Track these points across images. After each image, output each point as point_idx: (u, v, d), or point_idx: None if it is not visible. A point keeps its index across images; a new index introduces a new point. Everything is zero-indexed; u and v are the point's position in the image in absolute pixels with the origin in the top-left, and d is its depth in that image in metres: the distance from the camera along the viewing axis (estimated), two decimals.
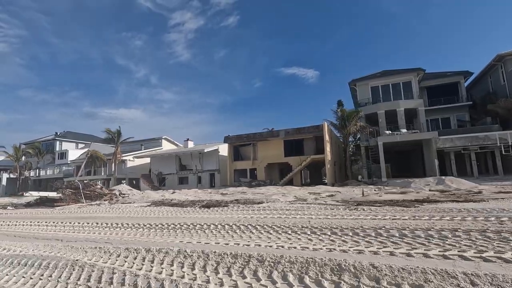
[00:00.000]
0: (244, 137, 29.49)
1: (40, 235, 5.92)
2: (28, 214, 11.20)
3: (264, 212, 7.86)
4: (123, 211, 9.68)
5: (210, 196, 15.37)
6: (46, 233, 6.24)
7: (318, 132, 26.80)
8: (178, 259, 3.50)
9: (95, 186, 17.52)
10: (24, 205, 16.34)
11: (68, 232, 6.23)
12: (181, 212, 8.68)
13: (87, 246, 4.38)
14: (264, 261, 3.22)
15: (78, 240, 5.02)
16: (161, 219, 7.43)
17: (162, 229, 6.03)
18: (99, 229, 6.49)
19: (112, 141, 34.88)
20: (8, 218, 10.15)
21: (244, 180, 29.55)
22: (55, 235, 5.80)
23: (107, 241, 4.83)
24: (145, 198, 14.89)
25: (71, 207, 13.05)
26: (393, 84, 30.13)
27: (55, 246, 4.47)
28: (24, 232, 6.47)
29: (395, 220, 6.03)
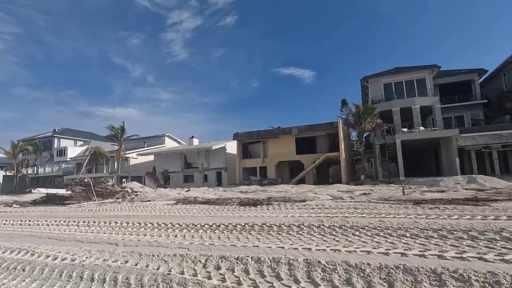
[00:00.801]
0: (254, 134, 28.59)
1: (80, 238, 4.96)
2: (44, 213, 10.17)
3: (322, 211, 7.02)
4: (152, 210, 8.72)
5: (231, 194, 14.46)
6: (86, 234, 5.28)
7: (332, 129, 26.03)
8: (317, 274, 2.62)
9: (106, 183, 16.50)
10: (30, 203, 15.25)
11: (111, 233, 5.26)
12: (224, 210, 7.76)
13: (157, 252, 3.48)
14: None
15: (139, 245, 4.10)
16: (209, 218, 6.52)
17: (227, 230, 5.11)
18: (145, 230, 5.51)
19: (115, 138, 33.68)
20: (23, 217, 9.13)
21: (254, 178, 28.68)
22: (100, 238, 4.85)
23: (180, 246, 3.90)
24: (163, 196, 13.92)
25: (89, 206, 12.04)
26: (407, 81, 29.47)
27: (114, 253, 3.55)
28: (56, 234, 5.51)
29: (488, 221, 5.22)
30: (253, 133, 28.73)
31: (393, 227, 4.77)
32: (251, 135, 28.88)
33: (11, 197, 28.77)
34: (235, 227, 5.33)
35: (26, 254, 3.73)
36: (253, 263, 2.87)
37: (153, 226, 5.83)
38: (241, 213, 6.92)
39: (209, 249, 3.74)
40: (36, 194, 17.43)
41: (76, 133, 60.61)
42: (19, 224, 7.38)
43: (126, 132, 33.53)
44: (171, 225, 5.74)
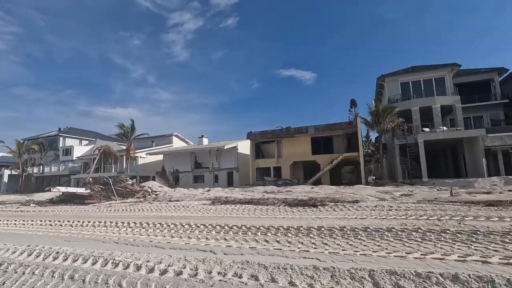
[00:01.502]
0: (269, 133, 27.90)
1: (155, 243, 4.24)
2: (74, 212, 9.46)
3: (399, 212, 6.34)
4: (194, 210, 8.02)
5: (257, 194, 13.75)
6: (155, 238, 4.58)
7: (350, 129, 25.36)
8: None
9: (126, 182, 15.81)
10: (47, 202, 14.55)
11: (183, 237, 4.53)
12: (277, 211, 7.06)
13: (284, 262, 2.77)
14: None
15: (246, 253, 3.40)
16: (275, 220, 5.84)
17: (322, 235, 4.42)
18: (220, 233, 4.77)
19: (124, 137, 33.00)
20: (55, 217, 8.42)
21: (269, 179, 27.96)
22: (187, 243, 4.14)
23: (305, 256, 3.21)
24: (188, 196, 13.21)
25: (114, 205, 11.33)
26: (425, 80, 28.79)
27: (224, 262, 2.82)
28: (117, 237, 4.82)
29: None
30: (268, 132, 28.04)
31: None
32: (265, 134, 28.18)
33: (22, 196, 27.98)
34: (331, 230, 4.60)
35: (107, 263, 3.05)
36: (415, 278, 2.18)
37: (221, 228, 5.14)
38: (304, 215, 6.23)
39: (349, 259, 3.02)
40: (50, 193, 16.75)
41: (81, 132, 59.92)
42: (58, 225, 6.69)
43: (136, 131, 32.81)
44: (240, 228, 5.04)
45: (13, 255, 3.63)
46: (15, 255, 3.63)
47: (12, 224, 7.05)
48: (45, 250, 3.73)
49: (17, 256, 3.61)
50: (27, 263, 3.17)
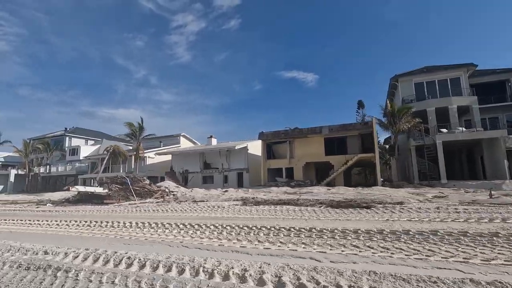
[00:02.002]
0: (281, 134, 27.50)
1: (242, 248, 3.81)
2: (100, 213, 9.06)
3: (465, 216, 5.92)
4: (232, 211, 7.59)
5: (277, 195, 13.32)
6: (226, 243, 4.16)
7: (365, 129, 24.93)
8: None
9: (143, 181, 15.43)
10: (63, 201, 14.19)
11: (259, 242, 4.10)
12: (323, 213, 6.65)
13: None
14: None
15: (358, 261, 2.97)
16: (328, 222, 5.42)
17: (431, 241, 4.00)
18: (294, 237, 4.36)
19: (133, 137, 32.68)
20: (84, 217, 8.04)
21: (281, 180, 27.53)
22: (260, 249, 3.73)
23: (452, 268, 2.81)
24: (211, 197, 12.81)
25: (138, 205, 10.93)
26: (440, 81, 28.34)
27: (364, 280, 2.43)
28: (188, 241, 4.37)
29: None
30: (280, 133, 27.64)
31: None
32: (278, 134, 27.78)
33: (30, 196, 27.62)
34: (423, 234, 4.16)
35: (198, 272, 2.62)
36: None
37: (288, 231, 4.71)
38: (365, 217, 5.81)
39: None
40: (61, 193, 16.38)
41: (87, 132, 59.71)
42: (98, 226, 6.29)
43: (146, 130, 32.49)
44: (310, 230, 4.62)
45: (76, 261, 3.23)
46: (78, 261, 3.23)
47: (45, 225, 6.68)
48: (112, 254, 3.33)
49: (82, 261, 3.22)
50: (99, 270, 2.78)
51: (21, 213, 10.19)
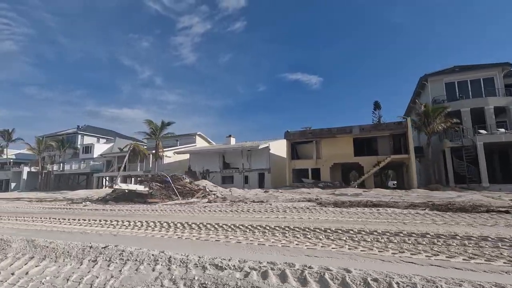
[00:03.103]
0: (308, 133, 26.64)
1: (417, 259, 3.03)
2: (163, 213, 8.23)
3: None
4: (324, 214, 6.75)
5: (327, 196, 12.44)
6: (377, 253, 3.37)
7: (399, 130, 24.02)
8: None
9: (183, 180, 14.63)
10: (100, 200, 13.40)
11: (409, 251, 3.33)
12: (444, 217, 5.79)
13: None
14: None
15: None
16: (481, 228, 4.58)
17: None
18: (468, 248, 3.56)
19: (153, 135, 31.97)
20: (161, 217, 7.21)
21: (307, 181, 26.64)
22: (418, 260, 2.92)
23: None
24: (258, 197, 11.97)
25: (199, 205, 10.09)
26: (472, 81, 27.37)
27: None
28: (319, 250, 3.58)
29: None
30: (307, 132, 26.78)
31: None
32: (305, 133, 26.93)
33: (49, 194, 26.77)
34: None
35: None
36: None
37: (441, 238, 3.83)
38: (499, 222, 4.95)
39: None
40: (85, 191, 15.58)
41: (98, 131, 59.21)
42: (189, 228, 5.46)
43: (167, 128, 31.75)
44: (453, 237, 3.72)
45: (224, 273, 2.45)
46: (227, 273, 2.44)
47: (133, 226, 5.86)
48: (273, 266, 2.54)
49: (232, 273, 2.42)
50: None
51: (76, 212, 9.38)
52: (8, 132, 51.79)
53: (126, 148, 31.92)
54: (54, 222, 6.88)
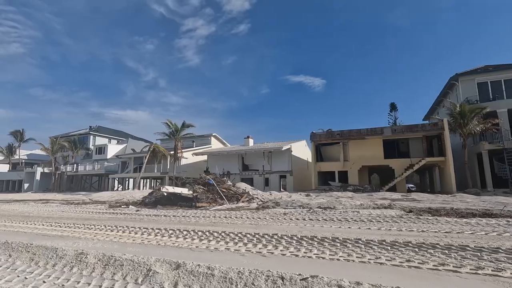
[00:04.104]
0: (336, 134, 25.68)
1: None
2: (232, 220, 7.31)
3: None
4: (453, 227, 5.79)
5: (381, 202, 11.48)
6: None
7: (434, 131, 23.00)
8: None
9: (226, 182, 13.77)
10: (140, 204, 12.56)
11: None
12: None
13: None
14: None
15: None
16: None
17: None
18: None
19: (172, 135, 31.21)
20: (229, 226, 6.29)
21: (335, 184, 25.64)
22: None
23: None
24: (303, 202, 11.05)
25: (269, 212, 9.19)
26: (507, 80, 26.31)
27: None
28: None
29: None
30: (335, 133, 25.82)
31: None
32: (332, 135, 25.97)
33: (69, 195, 25.78)
34: None
35: None
36: None
37: None
38: None
39: None
40: (110, 193, 14.73)
41: (109, 132, 58.72)
42: (307, 245, 4.56)
43: (186, 129, 30.97)
44: None
45: None
46: None
47: (237, 240, 4.98)
48: None
49: None
50: None
51: (137, 218, 8.46)
52: (20, 133, 51.36)
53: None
54: (135, 232, 5.94)
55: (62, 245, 4.17)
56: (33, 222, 7.71)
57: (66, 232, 6.18)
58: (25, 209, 12.15)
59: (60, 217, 8.95)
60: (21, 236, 5.64)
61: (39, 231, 6.31)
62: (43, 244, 4.19)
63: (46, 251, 3.76)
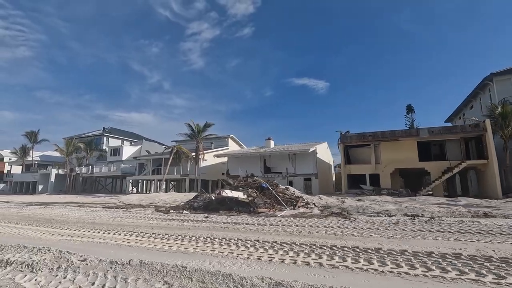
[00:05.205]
0: (368, 136, 24.73)
1: None
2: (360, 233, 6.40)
3: None
4: None
5: (440, 208, 10.51)
6: None
7: (474, 132, 21.96)
8: None
9: (278, 186, 12.93)
10: (189, 208, 11.73)
11: None
12: None
13: None
14: None
15: None
16: None
17: None
18: None
19: (193, 136, 30.46)
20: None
21: (367, 187, 24.65)
22: None
23: None
24: (371, 208, 10.14)
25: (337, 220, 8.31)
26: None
27: None
28: None
29: None
30: (366, 135, 24.87)
31: None
32: (364, 136, 25.02)
33: (90, 197, 24.89)
34: None
35: None
36: None
37: None
38: None
39: None
40: (136, 195, 13.88)
41: (121, 133, 58.15)
42: None
43: (207, 130, 30.22)
44: None
45: None
46: None
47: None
48: None
49: None
50: None
51: (210, 226, 7.63)
52: (34, 134, 50.97)
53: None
54: (255, 248, 5.05)
55: (210, 267, 3.34)
56: (105, 231, 6.83)
57: (170, 245, 5.17)
58: (72, 214, 11.35)
59: (120, 224, 8.10)
60: (125, 250, 4.82)
61: (135, 243, 5.41)
62: (198, 267, 3.36)
63: (214, 278, 2.92)
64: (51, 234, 6.38)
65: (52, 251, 4.13)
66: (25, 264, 3.74)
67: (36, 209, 13.97)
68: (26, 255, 4.15)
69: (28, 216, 10.39)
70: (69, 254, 4.03)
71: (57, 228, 7.35)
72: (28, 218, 9.94)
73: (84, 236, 6.12)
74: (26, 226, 7.69)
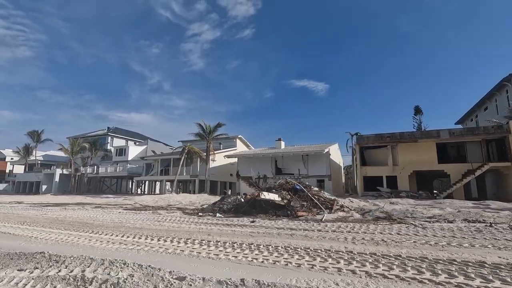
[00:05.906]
0: (386, 137, 24.25)
1: None
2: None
3: None
4: None
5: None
6: None
7: (497, 134, 21.51)
8: None
9: (312, 188, 12.38)
10: (223, 211, 11.15)
11: None
12: None
13: None
14: None
15: None
16: None
17: None
18: None
19: (204, 136, 29.88)
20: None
21: (384, 190, 24.15)
22: None
23: None
24: (419, 212, 9.61)
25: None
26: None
27: None
28: None
29: None
30: (384, 136, 24.40)
31: None
32: (381, 137, 24.55)
33: (98, 197, 24.12)
34: None
35: None
36: None
37: None
38: None
39: None
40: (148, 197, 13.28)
41: (126, 133, 57.45)
42: None
43: (217, 130, 29.64)
44: None
45: None
46: None
47: None
48: None
49: None
50: None
51: (268, 232, 7.00)
52: (37, 133, 50.23)
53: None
54: (362, 263, 4.43)
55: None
56: (158, 237, 6.17)
57: (254, 257, 4.51)
58: (103, 217, 10.72)
59: (167, 229, 7.40)
60: (205, 263, 4.23)
61: (207, 253, 4.75)
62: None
63: None
64: (99, 242, 5.79)
65: (133, 266, 3.55)
66: (110, 284, 3.17)
67: (56, 211, 13.34)
68: (101, 271, 3.58)
69: (56, 219, 9.77)
70: (155, 269, 3.46)
71: (100, 233, 6.76)
72: (57, 221, 9.33)
73: (140, 244, 5.53)
74: (63, 231, 7.09)
